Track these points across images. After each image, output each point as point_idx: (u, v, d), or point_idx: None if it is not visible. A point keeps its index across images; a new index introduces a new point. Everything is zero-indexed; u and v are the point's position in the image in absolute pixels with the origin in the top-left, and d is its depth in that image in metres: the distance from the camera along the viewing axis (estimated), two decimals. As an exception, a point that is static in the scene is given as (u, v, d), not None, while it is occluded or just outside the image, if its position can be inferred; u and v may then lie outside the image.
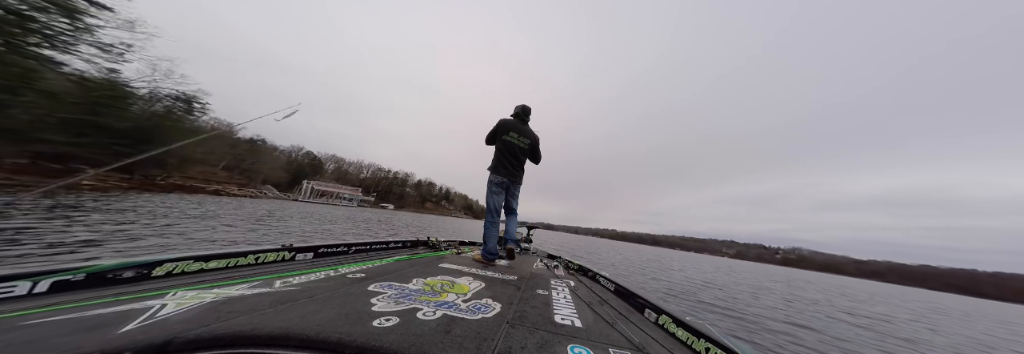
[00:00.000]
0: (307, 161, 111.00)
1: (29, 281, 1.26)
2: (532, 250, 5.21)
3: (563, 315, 1.73)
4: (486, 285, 2.16)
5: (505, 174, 3.38)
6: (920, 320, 11.56)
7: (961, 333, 9.92)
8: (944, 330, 9.93)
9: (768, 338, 5.36)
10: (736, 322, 6.22)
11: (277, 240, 8.39)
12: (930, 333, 8.84)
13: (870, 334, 7.16)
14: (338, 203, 76.90)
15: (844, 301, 14.48)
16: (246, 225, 10.05)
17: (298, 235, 9.82)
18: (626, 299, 2.48)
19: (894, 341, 6.77)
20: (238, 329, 1.02)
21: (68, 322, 1.03)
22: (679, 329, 1.73)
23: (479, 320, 1.41)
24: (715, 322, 5.92)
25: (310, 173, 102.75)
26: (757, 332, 5.67)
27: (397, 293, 1.64)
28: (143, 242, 5.43)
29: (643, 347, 1.45)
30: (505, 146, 3.38)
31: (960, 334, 9.64)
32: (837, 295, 18.11)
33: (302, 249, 2.47)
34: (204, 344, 0.96)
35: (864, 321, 9.00)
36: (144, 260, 1.60)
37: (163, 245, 5.51)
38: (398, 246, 3.74)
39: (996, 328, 12.99)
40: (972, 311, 23.32)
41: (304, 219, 15.51)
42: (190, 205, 14.34)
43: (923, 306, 19.79)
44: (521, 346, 1.22)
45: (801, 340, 5.52)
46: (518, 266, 3.31)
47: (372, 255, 3.10)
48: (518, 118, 3.56)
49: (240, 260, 2.03)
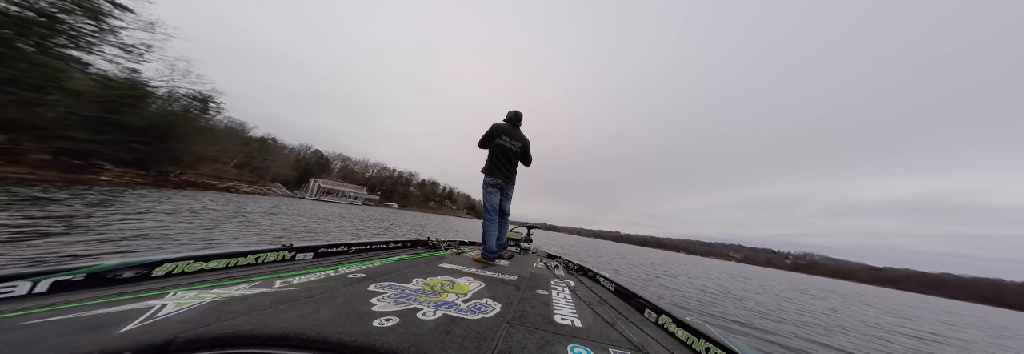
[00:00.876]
0: (315, 159, 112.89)
1: (29, 281, 1.26)
2: (532, 250, 5.21)
3: (563, 315, 1.74)
4: (486, 285, 2.17)
5: (499, 176, 3.53)
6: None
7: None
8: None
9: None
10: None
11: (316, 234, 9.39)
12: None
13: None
14: (343, 201, 78.20)
15: (887, 317, 11.64)
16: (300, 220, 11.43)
17: (315, 231, 10.13)
18: (626, 299, 2.48)
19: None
20: (238, 329, 1.03)
21: (68, 322, 1.03)
22: (679, 329, 1.73)
23: (479, 320, 1.42)
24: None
25: (317, 171, 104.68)
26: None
27: (397, 293, 1.65)
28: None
29: (643, 347, 1.45)
30: (499, 149, 3.53)
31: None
32: (860, 303, 16.28)
33: (302, 249, 2.47)
34: (204, 344, 0.96)
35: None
36: (144, 260, 1.60)
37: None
38: (398, 246, 3.75)
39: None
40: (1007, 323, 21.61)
41: (309, 218, 14.95)
42: (217, 203, 14.52)
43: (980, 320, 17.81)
44: (521, 346, 1.23)
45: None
46: (518, 266, 3.33)
47: (372, 255, 3.11)
48: (510, 122, 3.72)
49: (240, 260, 2.03)
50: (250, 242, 6.67)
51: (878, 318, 10.84)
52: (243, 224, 8.59)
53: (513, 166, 3.70)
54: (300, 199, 51.52)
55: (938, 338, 8.45)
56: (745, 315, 6.83)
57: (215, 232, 6.68)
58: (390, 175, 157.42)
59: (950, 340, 8.53)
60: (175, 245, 4.98)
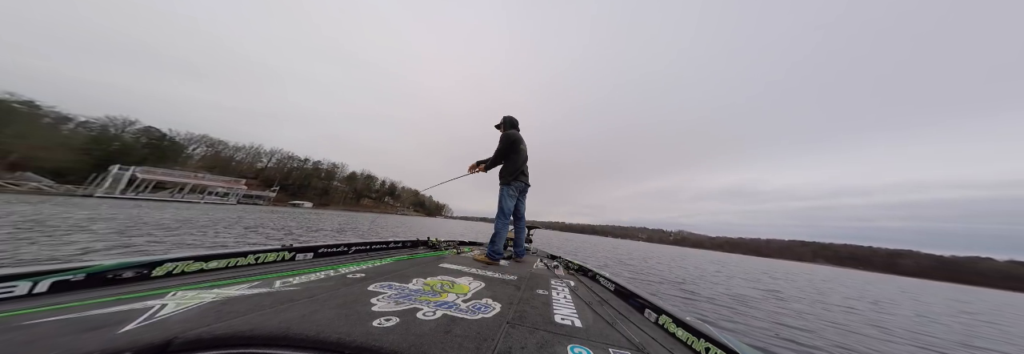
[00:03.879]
0: (145, 140, 77.42)
1: (29, 281, 1.26)
2: (532, 250, 5.15)
3: (563, 315, 1.72)
4: (486, 285, 2.15)
5: (525, 180, 3.78)
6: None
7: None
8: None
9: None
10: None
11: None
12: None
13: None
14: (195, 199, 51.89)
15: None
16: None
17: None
18: (626, 299, 2.44)
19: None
20: (238, 329, 1.02)
21: (68, 322, 1.02)
22: (679, 329, 1.69)
23: (479, 320, 1.40)
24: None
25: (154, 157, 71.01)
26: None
27: (397, 293, 1.64)
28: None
29: (643, 347, 1.42)
30: (521, 156, 3.73)
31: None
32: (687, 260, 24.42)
33: (302, 249, 2.47)
34: (204, 344, 0.96)
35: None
36: (144, 260, 1.59)
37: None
38: (398, 246, 3.75)
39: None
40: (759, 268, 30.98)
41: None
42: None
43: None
44: (521, 346, 1.21)
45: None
46: (518, 266, 3.32)
47: (372, 255, 3.10)
48: (515, 128, 3.94)
49: (240, 260, 2.02)
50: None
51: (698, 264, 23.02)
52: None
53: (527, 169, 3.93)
54: (83, 197, 33.82)
55: (703, 270, 16.26)
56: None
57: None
58: (299, 166, 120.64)
59: (709, 270, 16.77)
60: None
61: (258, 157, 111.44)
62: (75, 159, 54.04)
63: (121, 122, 73.83)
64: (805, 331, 5.34)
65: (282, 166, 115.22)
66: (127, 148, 68.67)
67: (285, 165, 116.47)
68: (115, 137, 69.99)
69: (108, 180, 45.65)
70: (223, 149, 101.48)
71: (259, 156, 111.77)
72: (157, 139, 79.71)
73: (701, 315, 5.57)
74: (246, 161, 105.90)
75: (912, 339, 5.97)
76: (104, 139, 65.92)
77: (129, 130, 75.55)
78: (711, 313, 5.86)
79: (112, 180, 46.09)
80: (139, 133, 77.55)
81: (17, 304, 1.15)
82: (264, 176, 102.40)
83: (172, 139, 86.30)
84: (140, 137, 76.58)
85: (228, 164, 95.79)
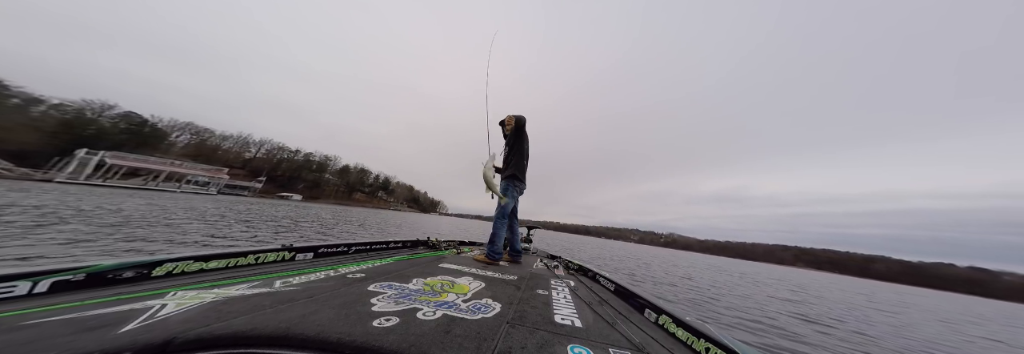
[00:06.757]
0: (123, 126, 74.21)
1: (29, 281, 1.24)
2: (532, 250, 5.17)
3: (563, 315, 1.71)
4: (486, 285, 2.15)
5: (524, 183, 3.70)
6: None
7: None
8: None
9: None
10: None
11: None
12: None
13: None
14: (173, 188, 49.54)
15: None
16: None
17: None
18: (626, 299, 2.43)
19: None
20: (238, 329, 1.02)
21: (68, 322, 1.01)
22: (679, 329, 1.69)
23: (479, 320, 1.40)
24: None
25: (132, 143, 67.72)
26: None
27: (397, 293, 1.63)
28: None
29: (643, 347, 1.42)
30: (526, 153, 3.69)
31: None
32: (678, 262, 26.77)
33: (302, 249, 2.45)
34: (204, 344, 0.95)
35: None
36: (144, 260, 1.58)
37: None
38: (398, 246, 3.73)
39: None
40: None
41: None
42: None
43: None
44: (521, 346, 1.21)
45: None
46: (518, 266, 3.31)
47: (372, 255, 3.09)
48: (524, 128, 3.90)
49: (240, 260, 2.01)
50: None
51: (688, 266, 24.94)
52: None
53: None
54: (40, 181, 32.20)
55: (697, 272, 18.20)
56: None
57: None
58: (290, 157, 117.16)
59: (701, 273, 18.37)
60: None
61: (246, 147, 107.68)
62: (43, 142, 50.92)
63: (99, 106, 70.65)
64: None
65: (272, 157, 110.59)
66: (103, 133, 65.45)
67: (275, 156, 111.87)
68: (91, 121, 66.80)
69: (73, 164, 42.46)
70: (209, 137, 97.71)
71: (247, 146, 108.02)
72: (137, 125, 76.21)
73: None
74: (233, 150, 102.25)
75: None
76: (79, 123, 62.59)
77: (107, 115, 72.32)
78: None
79: (78, 164, 42.81)
80: (118, 118, 74.15)
81: (17, 304, 1.14)
82: (252, 166, 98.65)
83: (153, 125, 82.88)
84: (119, 122, 73.30)
85: (214, 153, 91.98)
